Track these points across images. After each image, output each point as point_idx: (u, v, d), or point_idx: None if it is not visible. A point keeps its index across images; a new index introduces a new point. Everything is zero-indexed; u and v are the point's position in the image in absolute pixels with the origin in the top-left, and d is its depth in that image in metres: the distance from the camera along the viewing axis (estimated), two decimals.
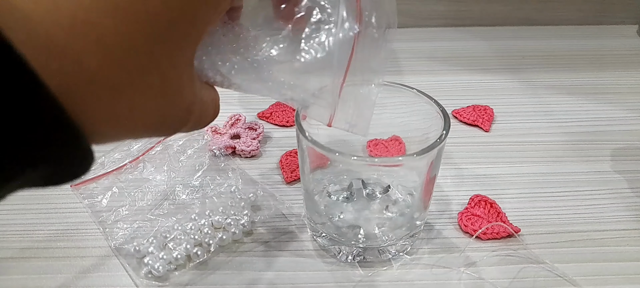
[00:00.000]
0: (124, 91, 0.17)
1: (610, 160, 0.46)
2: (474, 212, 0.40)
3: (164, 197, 0.42)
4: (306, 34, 0.24)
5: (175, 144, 0.47)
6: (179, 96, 0.20)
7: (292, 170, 0.44)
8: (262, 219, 0.40)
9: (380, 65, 0.27)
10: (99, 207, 0.41)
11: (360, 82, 0.27)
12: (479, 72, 0.61)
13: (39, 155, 0.15)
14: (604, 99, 0.56)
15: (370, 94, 0.28)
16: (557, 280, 0.35)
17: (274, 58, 0.25)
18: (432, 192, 0.36)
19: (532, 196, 0.42)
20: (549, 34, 0.71)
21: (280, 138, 0.50)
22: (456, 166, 0.45)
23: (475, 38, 0.70)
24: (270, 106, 0.54)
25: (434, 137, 0.32)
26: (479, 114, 0.52)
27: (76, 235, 0.39)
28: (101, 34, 0.16)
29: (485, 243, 0.37)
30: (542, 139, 0.49)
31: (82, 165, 0.17)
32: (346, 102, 0.27)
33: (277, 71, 0.25)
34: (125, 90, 0.17)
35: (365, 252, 0.36)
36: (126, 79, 0.17)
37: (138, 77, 0.17)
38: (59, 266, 0.36)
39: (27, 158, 0.15)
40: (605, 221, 0.40)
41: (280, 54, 0.25)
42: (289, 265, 0.36)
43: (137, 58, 0.17)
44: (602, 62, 0.64)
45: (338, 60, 0.25)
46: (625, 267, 0.36)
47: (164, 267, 0.35)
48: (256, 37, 0.25)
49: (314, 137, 0.31)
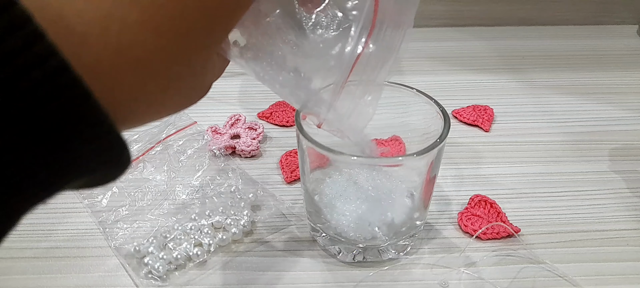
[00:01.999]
0: (160, 76, 0.18)
1: (610, 160, 0.46)
2: (474, 212, 0.40)
3: (164, 197, 0.42)
4: (318, 28, 0.24)
5: (175, 144, 0.47)
6: (204, 78, 0.21)
7: (292, 170, 0.44)
8: (262, 219, 0.40)
9: (383, 78, 0.27)
10: (99, 207, 0.41)
11: (360, 94, 0.27)
12: (479, 72, 0.61)
13: (87, 165, 0.16)
14: (603, 99, 0.56)
15: (368, 109, 0.28)
16: (557, 280, 0.35)
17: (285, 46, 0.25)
18: (432, 192, 0.36)
19: (532, 196, 0.42)
20: (549, 34, 0.71)
21: (280, 138, 0.50)
22: (456, 166, 0.45)
23: (475, 38, 0.70)
24: (270, 106, 0.54)
25: (434, 137, 0.32)
26: (479, 114, 0.52)
27: (76, 235, 0.39)
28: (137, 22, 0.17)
29: (485, 243, 0.37)
30: (542, 138, 0.49)
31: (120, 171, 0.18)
32: (341, 110, 0.27)
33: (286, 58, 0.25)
34: (161, 75, 0.18)
35: (365, 252, 0.36)
36: (162, 66, 0.18)
37: (173, 64, 0.18)
38: (59, 266, 0.36)
39: (76, 165, 0.16)
40: (605, 221, 0.40)
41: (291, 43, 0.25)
42: (289, 265, 0.36)
43: (173, 46, 0.18)
44: (602, 62, 0.64)
45: (340, 67, 0.25)
46: (625, 267, 0.36)
47: (164, 267, 0.35)
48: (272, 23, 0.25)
49: (314, 137, 0.31)
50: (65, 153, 0.15)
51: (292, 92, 0.26)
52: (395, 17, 0.25)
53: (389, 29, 0.25)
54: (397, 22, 0.26)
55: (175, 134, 0.49)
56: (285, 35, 0.24)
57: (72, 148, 0.15)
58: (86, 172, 0.16)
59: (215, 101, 0.54)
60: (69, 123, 0.15)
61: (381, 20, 0.24)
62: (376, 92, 0.28)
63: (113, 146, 0.16)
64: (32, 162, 0.15)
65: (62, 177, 0.16)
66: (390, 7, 0.25)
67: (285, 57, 0.25)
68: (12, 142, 0.14)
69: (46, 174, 0.15)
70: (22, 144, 0.14)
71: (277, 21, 0.24)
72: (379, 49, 0.25)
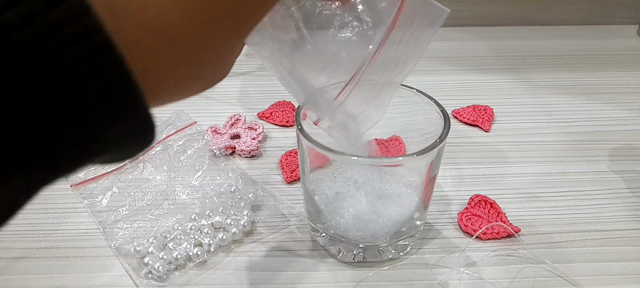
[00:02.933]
0: (191, 60, 0.18)
1: (610, 160, 0.46)
2: (474, 212, 0.40)
3: (164, 197, 0.42)
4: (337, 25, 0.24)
5: (175, 144, 0.47)
6: (229, 63, 0.22)
7: (292, 170, 0.44)
8: (262, 219, 0.40)
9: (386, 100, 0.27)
10: (99, 207, 0.41)
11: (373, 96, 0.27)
12: (479, 72, 0.61)
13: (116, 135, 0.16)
14: (603, 99, 0.56)
15: (375, 113, 0.28)
16: (557, 280, 0.35)
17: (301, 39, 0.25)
18: (432, 192, 0.36)
19: (532, 196, 0.42)
20: (549, 34, 0.71)
21: (280, 138, 0.50)
22: (456, 166, 0.45)
23: (475, 38, 0.70)
24: (270, 106, 0.54)
25: (434, 137, 0.32)
26: (479, 114, 0.52)
27: (76, 235, 0.39)
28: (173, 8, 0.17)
29: (485, 243, 0.37)
30: (542, 138, 0.49)
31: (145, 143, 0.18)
32: (350, 110, 0.27)
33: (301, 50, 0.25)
34: (192, 60, 0.18)
35: (365, 252, 0.36)
36: (194, 51, 0.18)
37: (205, 51, 0.18)
38: (59, 266, 0.36)
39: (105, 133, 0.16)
40: (605, 221, 0.39)
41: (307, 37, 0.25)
42: (289, 265, 0.36)
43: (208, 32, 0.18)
44: (602, 62, 0.64)
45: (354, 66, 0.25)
46: (625, 266, 0.36)
47: (164, 267, 0.35)
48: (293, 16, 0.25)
49: (314, 137, 0.31)
50: (97, 130, 0.15)
51: (302, 86, 0.26)
52: (417, 22, 0.25)
53: (412, 32, 0.25)
54: (419, 28, 0.26)
55: (175, 134, 0.49)
56: (304, 28, 0.24)
57: (105, 126, 0.15)
58: (112, 149, 0.16)
59: (215, 101, 0.55)
60: (106, 101, 0.14)
61: (401, 25, 0.24)
62: (387, 96, 0.28)
63: (144, 126, 0.16)
64: (64, 137, 0.14)
65: (89, 153, 0.16)
66: (414, 12, 0.25)
67: (300, 49, 0.25)
68: (47, 114, 0.14)
69: (76, 150, 0.15)
70: (56, 118, 0.14)
71: (298, 13, 0.24)
72: (397, 51, 0.25)
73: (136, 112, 0.16)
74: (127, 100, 0.15)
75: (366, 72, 0.25)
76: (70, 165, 0.16)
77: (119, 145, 0.16)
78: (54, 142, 0.14)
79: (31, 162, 0.14)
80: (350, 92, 0.26)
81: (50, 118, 0.14)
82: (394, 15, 0.24)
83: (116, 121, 0.15)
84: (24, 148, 0.14)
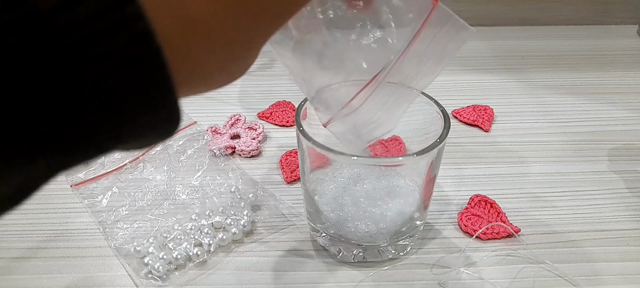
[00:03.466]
0: (221, 55, 0.18)
1: (610, 160, 0.46)
2: (474, 212, 0.40)
3: (164, 197, 0.42)
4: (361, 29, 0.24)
5: (175, 144, 0.47)
6: (254, 58, 0.22)
7: (292, 170, 0.44)
8: (262, 219, 0.40)
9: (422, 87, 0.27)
10: (99, 207, 0.41)
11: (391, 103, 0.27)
12: (479, 72, 0.61)
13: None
14: (603, 99, 0.56)
15: (391, 120, 0.28)
16: (557, 280, 0.35)
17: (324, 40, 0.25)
18: (432, 192, 0.36)
19: (532, 196, 0.42)
20: (549, 34, 0.71)
21: (280, 138, 0.50)
22: (456, 166, 0.45)
23: (475, 38, 0.70)
24: (270, 106, 0.54)
25: (434, 137, 0.32)
26: (479, 114, 0.52)
27: (76, 235, 0.39)
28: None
29: (485, 243, 0.37)
30: (542, 138, 0.49)
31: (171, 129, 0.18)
32: (365, 115, 0.27)
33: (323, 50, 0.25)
34: (222, 54, 0.18)
35: (365, 252, 0.36)
36: (225, 47, 0.18)
37: (235, 47, 0.19)
38: (59, 266, 0.36)
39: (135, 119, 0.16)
40: (605, 221, 0.40)
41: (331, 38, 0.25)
42: (289, 265, 0.36)
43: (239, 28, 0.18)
44: (602, 62, 0.64)
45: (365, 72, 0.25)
46: (625, 267, 0.36)
47: (164, 267, 0.35)
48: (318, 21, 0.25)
49: (314, 137, 0.31)
50: (130, 118, 0.15)
51: (317, 87, 0.26)
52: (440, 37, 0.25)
53: (434, 46, 0.25)
54: (441, 44, 0.26)
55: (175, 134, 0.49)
56: (326, 30, 0.24)
57: (138, 113, 0.15)
58: (137, 138, 0.16)
59: (215, 101, 0.55)
60: (143, 88, 0.15)
61: (424, 38, 0.24)
62: (405, 103, 0.28)
63: (172, 116, 0.16)
64: (98, 122, 0.14)
65: (118, 139, 0.16)
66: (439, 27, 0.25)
67: (320, 52, 0.25)
68: (85, 99, 0.14)
69: (106, 136, 0.15)
70: (94, 102, 0.14)
71: (322, 15, 0.24)
72: (416, 63, 0.25)
73: (169, 102, 0.16)
74: (162, 90, 0.15)
75: (384, 80, 0.25)
76: (97, 150, 0.16)
77: (144, 134, 0.16)
78: (88, 127, 0.14)
79: (60, 145, 0.14)
80: (367, 98, 0.26)
81: (88, 102, 0.14)
82: (419, 27, 0.24)
83: (149, 109, 0.15)
84: (55, 132, 0.14)
